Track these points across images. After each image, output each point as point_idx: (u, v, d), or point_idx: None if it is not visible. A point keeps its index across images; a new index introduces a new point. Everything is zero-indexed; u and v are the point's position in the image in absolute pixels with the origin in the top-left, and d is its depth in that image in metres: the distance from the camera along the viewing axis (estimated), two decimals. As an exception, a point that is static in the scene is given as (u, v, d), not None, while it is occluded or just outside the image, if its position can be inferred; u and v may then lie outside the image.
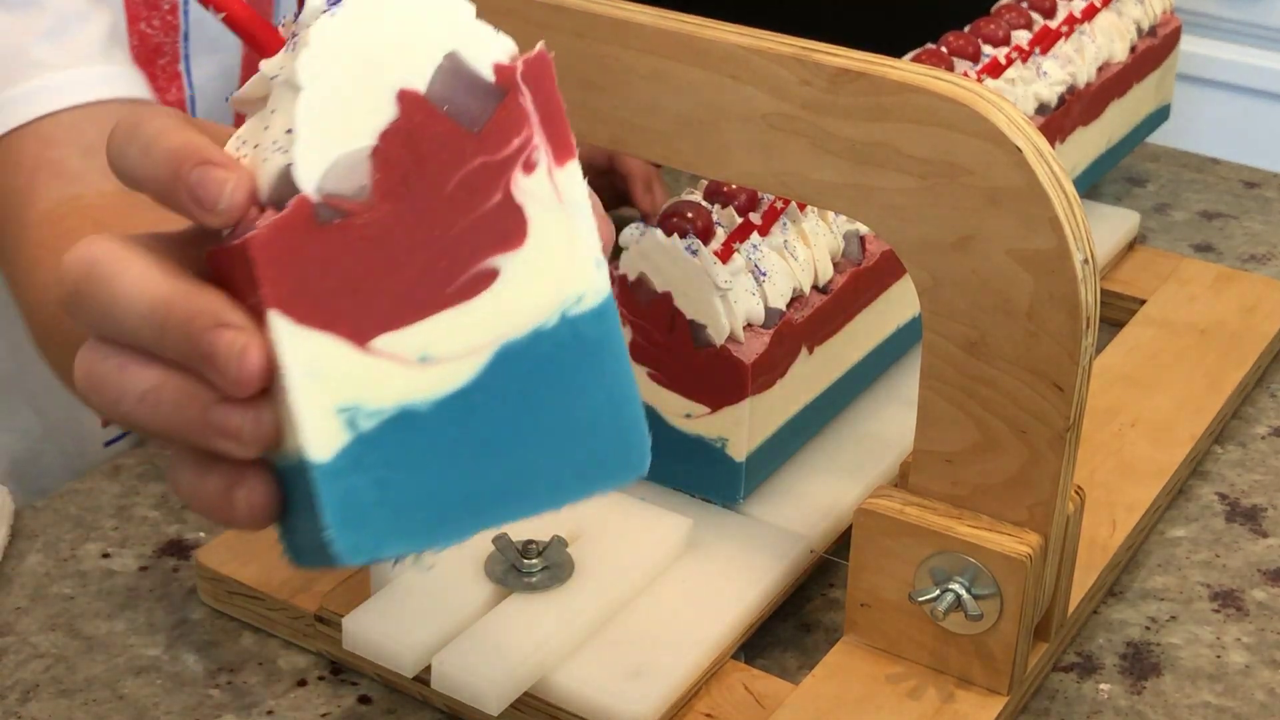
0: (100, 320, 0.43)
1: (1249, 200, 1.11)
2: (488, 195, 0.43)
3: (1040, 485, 0.61)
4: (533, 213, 0.43)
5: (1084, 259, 0.57)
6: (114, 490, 0.78)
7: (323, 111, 0.41)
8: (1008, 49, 0.89)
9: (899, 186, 0.59)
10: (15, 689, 0.65)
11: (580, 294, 0.44)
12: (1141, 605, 0.72)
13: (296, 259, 0.41)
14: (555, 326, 0.43)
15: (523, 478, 0.43)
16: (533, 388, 0.43)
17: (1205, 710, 0.65)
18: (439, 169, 0.42)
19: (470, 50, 0.43)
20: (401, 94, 0.42)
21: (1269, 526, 0.77)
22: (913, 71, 0.58)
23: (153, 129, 0.43)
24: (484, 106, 0.43)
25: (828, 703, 0.63)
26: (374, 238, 0.41)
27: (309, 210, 0.41)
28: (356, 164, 0.41)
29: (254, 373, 0.40)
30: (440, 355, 0.42)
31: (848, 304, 0.74)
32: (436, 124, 0.42)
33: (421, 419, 0.42)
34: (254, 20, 0.45)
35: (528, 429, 0.43)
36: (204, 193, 0.42)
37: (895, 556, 0.63)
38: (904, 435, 0.71)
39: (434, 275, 0.42)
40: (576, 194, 0.44)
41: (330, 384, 0.41)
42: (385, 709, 0.65)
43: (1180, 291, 0.94)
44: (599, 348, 0.44)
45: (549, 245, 0.43)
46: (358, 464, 0.41)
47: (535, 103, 0.44)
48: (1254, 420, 0.86)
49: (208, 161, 0.42)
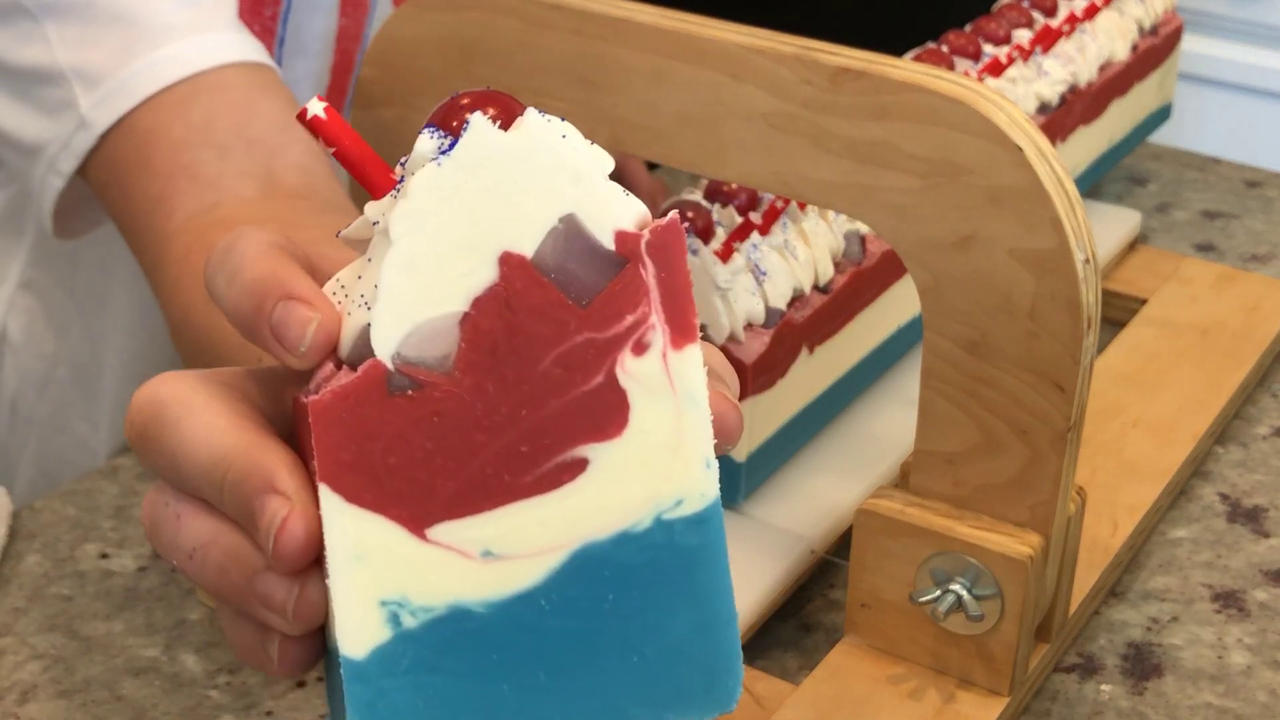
0: (165, 467, 0.41)
1: (1250, 200, 1.11)
2: (588, 376, 0.38)
3: (1041, 486, 0.60)
4: (637, 400, 0.38)
5: (1085, 259, 0.57)
6: (112, 491, 0.78)
7: (412, 271, 0.37)
8: (1009, 48, 0.88)
9: (900, 186, 0.59)
10: (14, 690, 0.65)
11: (681, 496, 0.39)
12: (1143, 606, 0.71)
13: (359, 431, 0.37)
14: (646, 530, 0.38)
15: (585, 699, 0.39)
16: (610, 598, 0.38)
17: (1207, 711, 0.65)
18: (535, 343, 0.38)
19: (592, 213, 0.38)
20: (504, 256, 0.37)
21: (1270, 527, 0.77)
22: (914, 71, 0.58)
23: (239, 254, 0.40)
24: (598, 277, 0.38)
25: (828, 703, 0.63)
26: (450, 413, 0.37)
27: (381, 378, 0.37)
28: (442, 331, 0.37)
29: (292, 549, 0.37)
30: (507, 551, 0.38)
31: (848, 304, 0.74)
32: (540, 292, 0.38)
33: (476, 621, 0.38)
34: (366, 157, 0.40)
35: (598, 645, 0.38)
36: (286, 332, 0.38)
37: (896, 557, 0.63)
38: (904, 435, 0.70)
39: (513, 460, 0.38)
40: (693, 383, 0.39)
41: (377, 573, 0.37)
42: (384, 710, 0.65)
43: (1181, 291, 0.93)
44: (695, 559, 0.39)
45: (652, 438, 0.38)
46: (395, 665, 0.37)
47: (658, 277, 0.38)
48: (1255, 420, 0.86)
49: (292, 297, 0.39)
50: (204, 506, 0.40)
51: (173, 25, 0.67)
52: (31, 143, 0.69)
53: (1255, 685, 0.67)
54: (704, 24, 0.62)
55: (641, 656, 0.39)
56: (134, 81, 0.66)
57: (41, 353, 0.88)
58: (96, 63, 0.66)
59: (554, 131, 0.38)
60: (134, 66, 0.66)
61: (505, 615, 0.38)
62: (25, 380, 0.89)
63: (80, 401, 0.88)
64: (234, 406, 0.40)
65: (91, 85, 0.66)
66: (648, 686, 0.39)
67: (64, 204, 0.70)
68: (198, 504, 0.40)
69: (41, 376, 0.88)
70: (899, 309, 0.79)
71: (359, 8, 0.84)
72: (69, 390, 0.88)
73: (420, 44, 0.68)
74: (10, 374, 0.89)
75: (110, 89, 0.66)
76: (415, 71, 0.69)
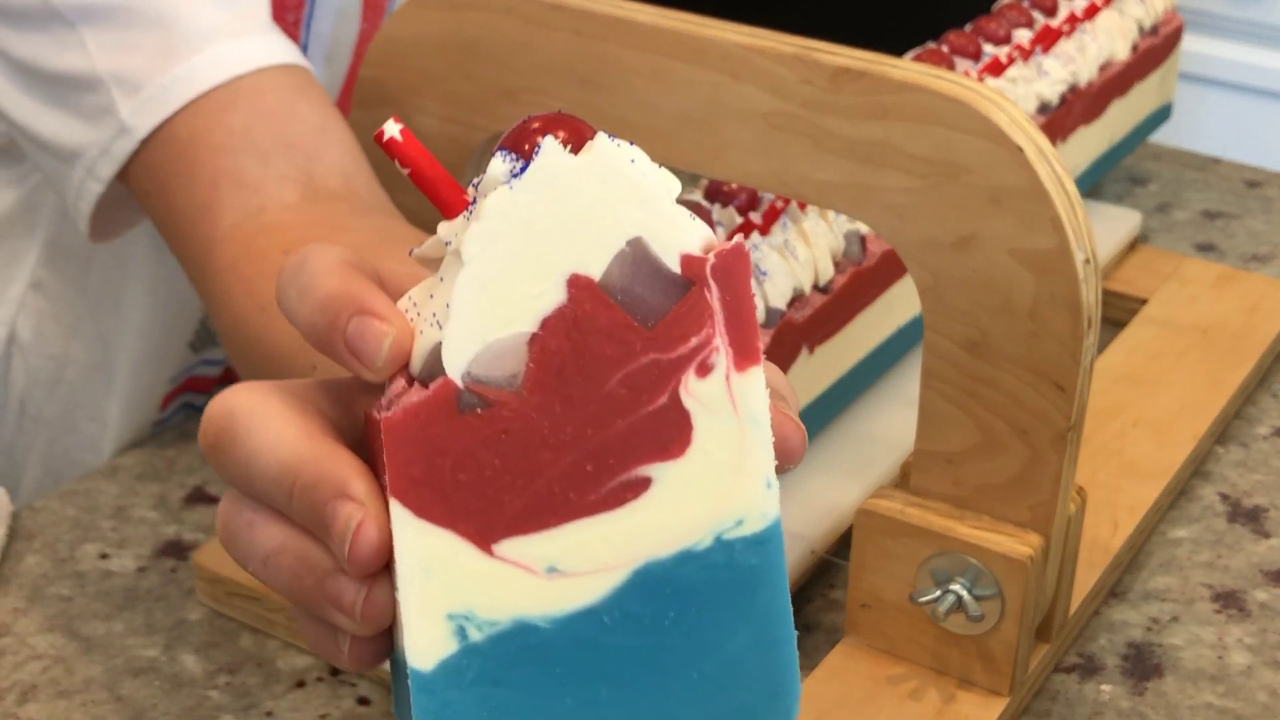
0: (236, 476, 0.41)
1: (1251, 200, 1.11)
2: (652, 397, 0.39)
3: (1041, 485, 0.60)
4: (700, 421, 0.39)
5: (1085, 258, 0.57)
6: (112, 491, 0.78)
7: (483, 292, 0.38)
8: (1009, 48, 0.88)
9: (900, 186, 0.59)
10: (13, 690, 0.65)
11: (741, 516, 0.39)
12: (1143, 606, 0.71)
13: (429, 447, 0.38)
14: (707, 549, 0.39)
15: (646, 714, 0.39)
16: (671, 615, 0.39)
17: (1207, 711, 0.65)
18: (601, 363, 0.38)
19: (659, 236, 0.39)
20: (573, 279, 0.38)
21: (1271, 527, 0.77)
22: (914, 70, 0.58)
23: (311, 270, 0.41)
24: (664, 300, 0.39)
25: (828, 704, 0.63)
26: (518, 431, 0.38)
27: (451, 396, 0.38)
28: (510, 350, 0.38)
29: (367, 553, 0.38)
30: (571, 568, 0.38)
31: (848, 304, 0.74)
32: (606, 314, 0.38)
33: (540, 636, 0.38)
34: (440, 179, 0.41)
35: (659, 661, 0.39)
36: (362, 345, 0.39)
37: (896, 557, 0.63)
38: (905, 435, 0.70)
39: (577, 478, 0.38)
40: (756, 405, 0.39)
41: (445, 587, 0.38)
42: (384, 710, 0.65)
43: (1182, 291, 0.93)
44: (755, 578, 0.40)
45: (714, 459, 0.39)
46: (461, 678, 0.38)
47: (722, 299, 0.39)
48: (1256, 420, 0.86)
49: (366, 311, 0.39)
50: (275, 514, 0.41)
51: (209, 29, 0.67)
52: (70, 148, 0.69)
53: (1255, 685, 0.67)
54: (704, 24, 0.62)
55: (701, 673, 0.40)
56: (174, 86, 0.66)
57: (51, 353, 0.88)
58: (135, 68, 0.67)
59: (623, 156, 0.39)
60: (174, 71, 0.66)
61: (568, 630, 0.39)
62: (34, 380, 0.89)
63: (89, 402, 0.88)
64: (304, 416, 0.41)
65: (131, 91, 0.67)
66: (707, 703, 0.40)
67: (100, 207, 0.71)
68: (269, 512, 0.41)
69: (50, 376, 0.88)
70: (899, 309, 0.79)
71: (379, 12, 0.84)
72: (78, 390, 0.88)
73: (420, 44, 0.68)
74: (19, 373, 0.89)
75: (150, 94, 0.66)
76: (415, 71, 0.69)
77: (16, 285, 0.88)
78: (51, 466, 0.90)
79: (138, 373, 0.87)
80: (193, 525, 0.75)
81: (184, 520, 0.76)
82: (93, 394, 0.88)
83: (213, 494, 0.78)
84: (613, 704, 0.39)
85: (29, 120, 0.70)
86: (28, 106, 0.70)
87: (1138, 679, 0.67)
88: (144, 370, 0.87)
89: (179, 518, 0.76)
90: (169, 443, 0.82)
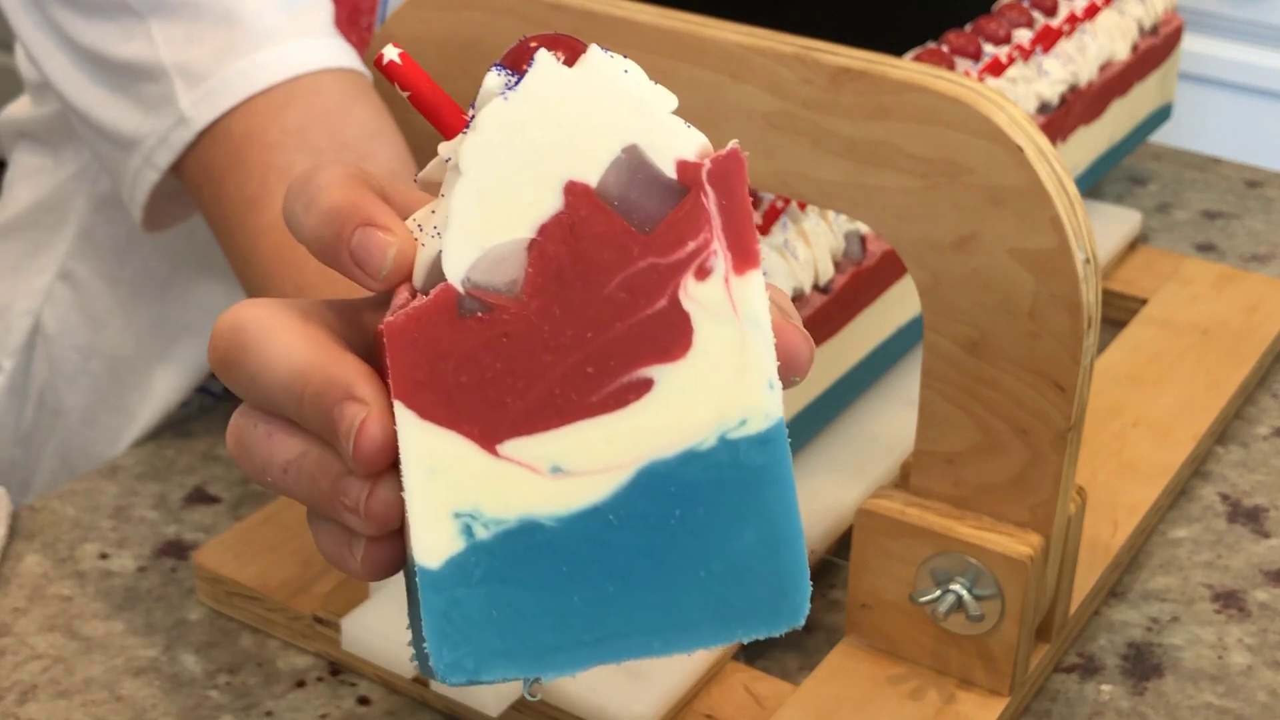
0: (246, 388, 0.42)
1: (1251, 200, 1.11)
2: (651, 300, 0.39)
3: (1041, 486, 0.60)
4: (700, 323, 0.39)
5: (1085, 258, 0.57)
6: (112, 491, 0.78)
7: (481, 200, 0.39)
8: (1009, 48, 0.88)
9: (900, 186, 0.59)
10: (13, 690, 0.65)
11: (745, 417, 0.40)
12: (1143, 606, 0.71)
13: (431, 351, 0.38)
14: (711, 449, 0.39)
15: (654, 613, 0.40)
16: (676, 514, 0.39)
17: (1207, 711, 0.65)
18: (600, 268, 0.39)
19: (654, 144, 0.39)
20: (569, 185, 0.39)
21: (1271, 527, 0.77)
22: (914, 70, 0.58)
23: (318, 184, 0.41)
24: (660, 205, 0.39)
25: (828, 704, 0.63)
26: (518, 335, 0.39)
27: (452, 301, 0.38)
28: (509, 256, 0.39)
29: (371, 449, 0.39)
30: (575, 467, 0.39)
31: (848, 304, 0.74)
32: (603, 220, 0.39)
33: (546, 534, 0.39)
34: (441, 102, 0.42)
35: (666, 559, 0.39)
36: (366, 256, 0.40)
37: (896, 557, 0.63)
38: (905, 436, 0.70)
39: (579, 380, 0.39)
40: (755, 307, 0.40)
41: (450, 486, 0.38)
42: (384, 710, 0.65)
43: (1182, 291, 0.93)
44: (760, 478, 0.40)
45: (715, 360, 0.39)
46: (468, 575, 0.39)
47: (719, 204, 0.40)
48: (1256, 420, 0.86)
49: (371, 222, 0.40)
50: (290, 424, 0.42)
51: (273, 29, 0.68)
52: (129, 135, 0.70)
53: (1255, 685, 0.67)
54: (704, 24, 0.62)
55: (709, 572, 0.40)
56: (236, 80, 0.67)
57: (77, 344, 0.89)
58: (199, 61, 0.68)
59: (617, 67, 0.40)
60: (237, 66, 0.68)
61: (574, 529, 0.39)
62: (57, 371, 0.89)
63: (114, 394, 0.88)
64: (312, 327, 0.41)
65: (194, 82, 0.68)
66: (715, 602, 0.40)
67: (154, 198, 0.72)
68: (284, 422, 0.42)
69: (74, 368, 0.89)
70: (899, 309, 0.79)
71: None
72: (102, 382, 0.89)
73: (420, 44, 0.68)
74: (42, 364, 0.90)
75: (212, 86, 0.68)
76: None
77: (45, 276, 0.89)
78: (68, 459, 0.90)
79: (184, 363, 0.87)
80: (193, 525, 0.75)
81: (184, 520, 0.76)
82: (119, 387, 0.88)
83: (213, 494, 0.78)
84: (620, 601, 0.39)
85: (90, 107, 0.72)
86: (90, 93, 0.71)
87: (1138, 679, 0.67)
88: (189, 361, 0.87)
89: (179, 518, 0.76)
90: (169, 443, 0.82)
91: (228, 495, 0.78)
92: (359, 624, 0.64)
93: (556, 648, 0.39)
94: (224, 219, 0.68)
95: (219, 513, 0.76)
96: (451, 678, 0.39)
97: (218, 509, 0.77)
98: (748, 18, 0.63)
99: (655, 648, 0.40)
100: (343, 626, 0.64)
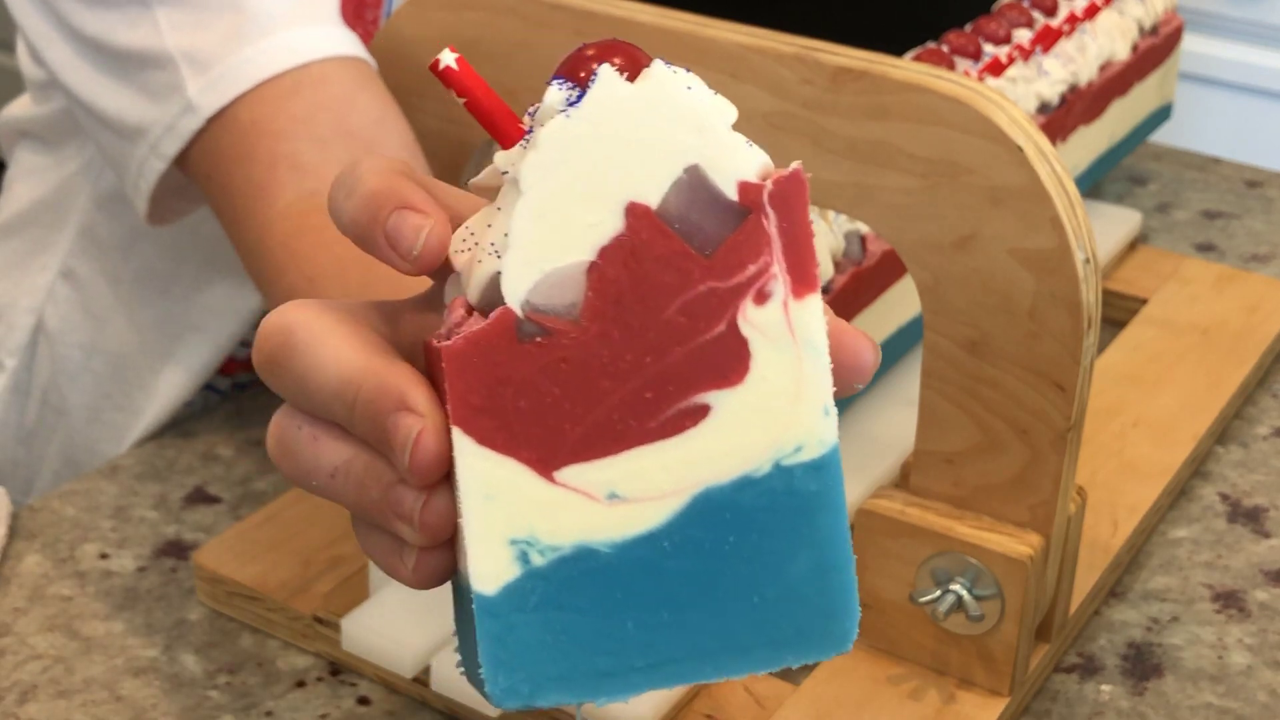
0: (293, 391, 0.42)
1: (1251, 200, 1.11)
2: (710, 325, 0.39)
3: (1041, 486, 0.60)
4: (758, 348, 0.39)
5: (1085, 258, 0.57)
6: (112, 491, 0.78)
7: (541, 220, 0.38)
8: (1009, 48, 0.88)
9: (900, 186, 0.59)
10: (13, 690, 0.65)
11: (800, 443, 0.40)
12: (1143, 606, 0.71)
13: (490, 376, 0.38)
14: (766, 476, 0.39)
15: (707, 638, 0.40)
16: (731, 540, 0.39)
17: (1207, 711, 0.65)
18: (659, 292, 0.39)
19: (716, 163, 0.39)
20: (630, 207, 0.38)
21: (1271, 527, 0.77)
22: (914, 70, 0.58)
23: (359, 173, 0.42)
24: (721, 227, 0.39)
25: (828, 704, 0.63)
26: (577, 360, 0.38)
27: (511, 325, 0.38)
28: (569, 279, 0.38)
29: (427, 462, 0.39)
30: (631, 494, 0.39)
31: (848, 304, 0.74)
32: (664, 243, 0.38)
33: (601, 560, 0.39)
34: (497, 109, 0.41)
35: (719, 585, 0.40)
36: (399, 237, 0.40)
37: (896, 557, 0.63)
38: (905, 436, 0.70)
39: (636, 406, 0.39)
40: (813, 332, 0.40)
41: (507, 513, 0.38)
42: (384, 710, 0.65)
43: (1182, 291, 0.93)
44: (813, 504, 0.40)
45: (772, 386, 0.39)
46: (524, 602, 0.39)
47: (780, 227, 0.39)
48: (1256, 420, 0.86)
49: (406, 206, 0.40)
50: (337, 428, 0.41)
51: (279, 16, 0.68)
52: (134, 125, 0.70)
53: (1255, 685, 0.67)
54: (704, 24, 0.61)
55: (762, 597, 0.40)
56: (244, 67, 0.67)
57: (79, 342, 0.89)
58: (206, 48, 0.68)
59: (680, 83, 0.39)
60: (245, 52, 0.67)
61: (629, 555, 0.39)
62: (59, 370, 0.89)
63: (119, 392, 0.88)
64: (360, 331, 0.41)
65: (201, 69, 0.68)
66: (768, 627, 0.40)
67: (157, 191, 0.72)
68: (331, 426, 0.41)
69: (77, 366, 0.89)
70: (899, 309, 0.79)
71: None
72: (105, 381, 0.89)
73: (421, 43, 0.68)
74: (44, 362, 0.90)
75: (220, 73, 0.67)
76: (416, 71, 0.69)
77: (46, 274, 0.89)
78: (72, 458, 0.90)
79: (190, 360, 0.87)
80: (193, 525, 0.75)
81: (184, 520, 0.76)
82: (123, 385, 0.88)
83: (213, 494, 0.78)
84: (673, 627, 0.39)
85: (95, 97, 0.71)
86: (95, 83, 0.71)
87: (1138, 679, 0.67)
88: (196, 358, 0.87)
89: (179, 518, 0.76)
90: (169, 442, 0.82)
91: (228, 495, 0.78)
92: (359, 624, 0.64)
93: (610, 673, 0.39)
94: (232, 209, 0.68)
95: (219, 513, 0.76)
96: (507, 702, 0.39)
97: (218, 509, 0.77)
98: (748, 18, 0.63)
99: (707, 673, 0.40)
100: (343, 626, 0.64)
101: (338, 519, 0.72)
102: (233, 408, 0.85)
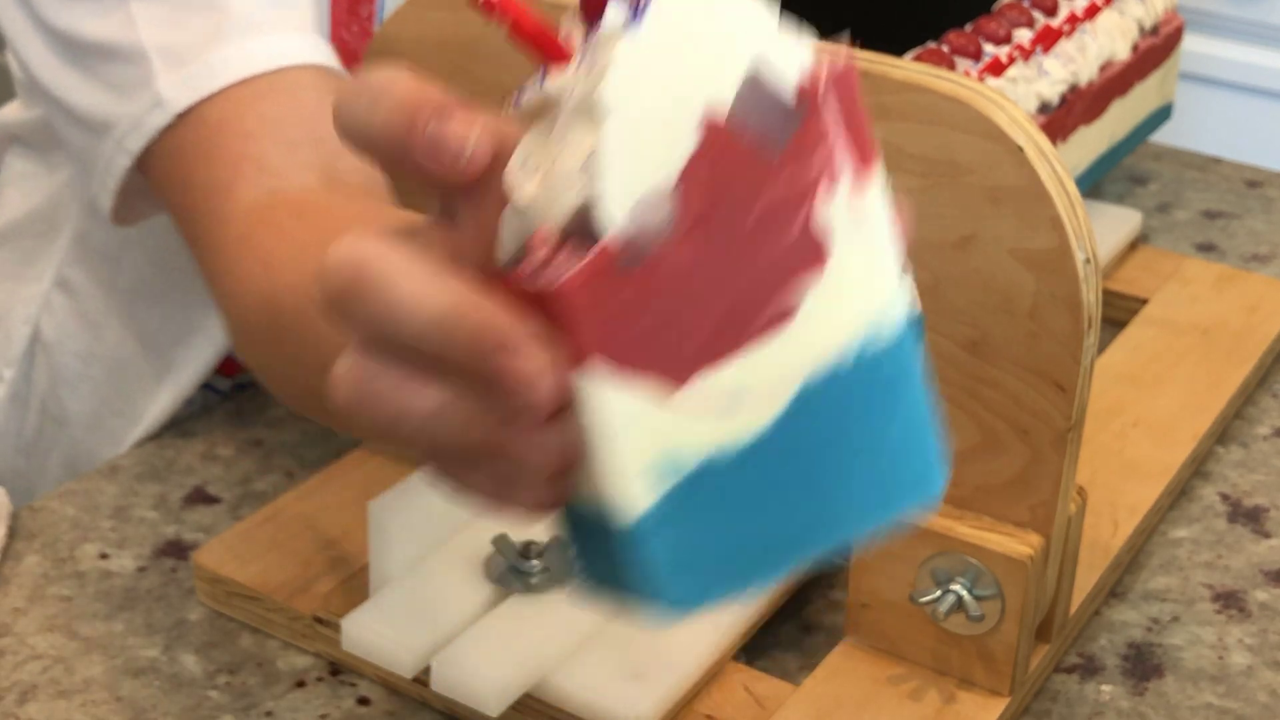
0: (376, 328, 0.39)
1: (1251, 199, 1.11)
2: (786, 227, 0.40)
3: (1042, 486, 0.60)
4: (833, 238, 0.40)
5: (1086, 258, 0.57)
6: (112, 491, 0.78)
7: (628, 145, 0.38)
8: (1009, 48, 0.88)
9: (900, 186, 0.58)
10: (13, 690, 0.65)
11: (881, 319, 0.41)
12: (1143, 606, 0.71)
13: (605, 308, 0.38)
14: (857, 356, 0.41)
15: (828, 510, 0.42)
16: (836, 419, 0.41)
17: (1207, 712, 0.65)
18: (739, 202, 0.39)
19: (772, 68, 0.39)
20: (705, 122, 0.39)
21: (1271, 527, 0.77)
22: (914, 70, 0.58)
23: (382, 80, 0.39)
24: (784, 130, 0.39)
25: (828, 704, 0.63)
26: (678, 280, 0.39)
27: (614, 254, 0.38)
28: (659, 202, 0.38)
29: (547, 398, 0.38)
30: (743, 401, 0.40)
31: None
32: (735, 153, 0.39)
33: (725, 467, 0.40)
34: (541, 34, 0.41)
35: (832, 461, 0.41)
36: (443, 144, 0.38)
37: (896, 557, 0.63)
38: (905, 435, 0.70)
39: (734, 315, 0.39)
40: (879, 212, 0.41)
41: (636, 442, 0.39)
42: (384, 710, 0.65)
43: (1182, 291, 0.93)
44: (900, 373, 0.42)
45: (850, 271, 0.40)
46: (664, 522, 0.39)
47: (837, 115, 0.40)
48: (1256, 420, 0.86)
49: (447, 110, 0.38)
50: (427, 368, 0.39)
51: (259, 20, 0.68)
52: (101, 119, 0.69)
53: (1256, 686, 0.67)
54: (704, 24, 0.61)
55: (867, 461, 0.42)
56: (221, 66, 0.67)
57: (76, 350, 0.88)
58: (182, 44, 0.67)
59: None
60: (223, 51, 0.67)
61: (749, 458, 0.40)
62: (58, 379, 0.89)
63: (118, 398, 0.88)
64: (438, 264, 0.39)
65: (175, 65, 0.67)
66: (877, 491, 0.42)
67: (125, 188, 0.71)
68: (419, 366, 0.39)
69: (75, 374, 0.89)
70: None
71: None
72: (104, 388, 0.88)
73: (420, 44, 0.68)
74: (43, 372, 0.89)
75: (195, 70, 0.67)
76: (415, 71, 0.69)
77: (41, 283, 0.88)
78: (74, 466, 0.90)
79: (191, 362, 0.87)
80: (193, 525, 0.75)
81: (184, 520, 0.76)
82: (122, 391, 0.88)
83: (213, 494, 0.78)
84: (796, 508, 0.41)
85: (65, 91, 0.71)
86: (63, 76, 0.70)
87: (1138, 679, 0.67)
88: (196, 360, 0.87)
89: (179, 518, 0.76)
90: (169, 443, 0.82)
91: (228, 495, 0.78)
92: (359, 624, 0.64)
93: (752, 566, 0.41)
94: (190, 206, 0.67)
95: (219, 513, 0.76)
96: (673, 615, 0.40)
97: (218, 509, 0.77)
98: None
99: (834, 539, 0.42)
100: (343, 626, 0.64)
101: (338, 519, 0.72)
102: (233, 408, 0.85)
